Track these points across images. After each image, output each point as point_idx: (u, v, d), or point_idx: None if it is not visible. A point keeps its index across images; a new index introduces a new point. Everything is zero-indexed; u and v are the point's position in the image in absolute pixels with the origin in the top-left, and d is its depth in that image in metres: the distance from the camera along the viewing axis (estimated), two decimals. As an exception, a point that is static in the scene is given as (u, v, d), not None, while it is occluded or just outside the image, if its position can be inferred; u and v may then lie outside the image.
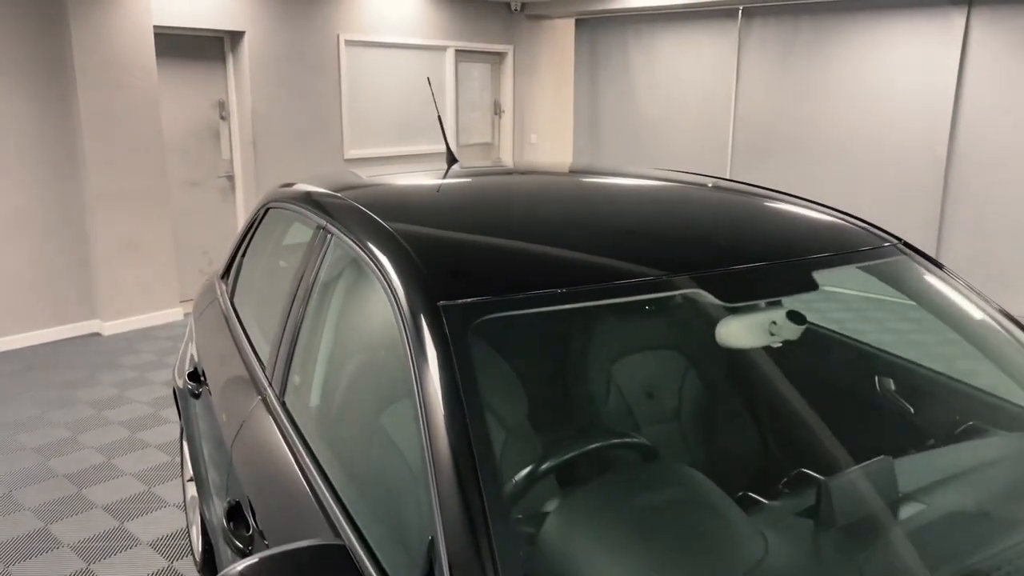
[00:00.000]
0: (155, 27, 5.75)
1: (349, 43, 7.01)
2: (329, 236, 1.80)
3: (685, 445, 1.83)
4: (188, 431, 2.59)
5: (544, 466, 1.37)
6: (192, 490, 2.84)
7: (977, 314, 1.75)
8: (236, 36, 6.32)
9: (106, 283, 5.53)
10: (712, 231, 1.68)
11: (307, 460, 1.51)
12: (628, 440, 1.47)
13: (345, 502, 1.35)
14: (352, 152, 7.22)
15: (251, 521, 1.60)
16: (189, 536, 3.02)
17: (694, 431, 1.84)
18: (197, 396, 2.36)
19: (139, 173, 5.58)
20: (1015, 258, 6.10)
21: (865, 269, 1.79)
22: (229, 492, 1.79)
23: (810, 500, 1.34)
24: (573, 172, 2.27)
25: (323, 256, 1.81)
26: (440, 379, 1.23)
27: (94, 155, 5.34)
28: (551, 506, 1.36)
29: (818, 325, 2.33)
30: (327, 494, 1.39)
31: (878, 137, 6.58)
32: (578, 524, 1.23)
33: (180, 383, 2.71)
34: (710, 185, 2.05)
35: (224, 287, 2.68)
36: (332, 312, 1.72)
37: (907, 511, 1.33)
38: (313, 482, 1.45)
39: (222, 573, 1.10)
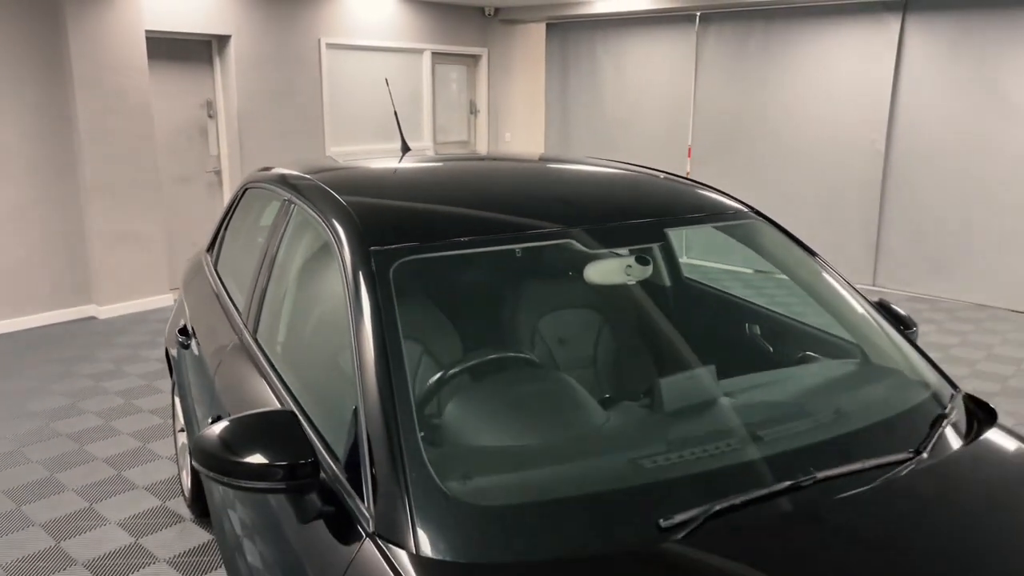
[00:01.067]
0: (147, 31, 6.16)
1: (330, 46, 7.43)
2: (293, 206, 2.24)
3: (562, 358, 2.26)
4: (179, 384, 3.02)
5: (449, 372, 1.80)
6: (183, 438, 3.26)
7: (808, 265, 2.20)
8: (223, 40, 6.74)
9: (101, 271, 5.94)
10: (596, 198, 2.12)
11: (271, 374, 1.94)
12: (516, 355, 1.91)
13: (296, 396, 1.79)
14: (333, 149, 7.64)
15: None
16: (180, 479, 3.43)
17: (575, 350, 2.27)
18: (187, 347, 2.79)
19: (132, 168, 5.99)
20: (949, 244, 6.58)
21: (727, 229, 2.24)
22: (213, 411, 2.22)
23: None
24: (501, 157, 2.71)
25: (288, 222, 2.25)
26: (367, 304, 1.66)
27: (90, 152, 5.75)
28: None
29: (704, 283, 2.78)
30: (283, 393, 1.82)
31: (823, 133, 7.06)
32: (467, 404, 1.66)
33: (172, 342, 3.14)
34: (611, 168, 2.49)
35: (209, 257, 3.11)
36: (294, 264, 2.15)
37: (722, 402, 1.77)
38: (274, 387, 1.88)
39: (199, 433, 1.53)
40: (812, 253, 2.26)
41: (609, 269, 1.89)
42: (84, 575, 2.87)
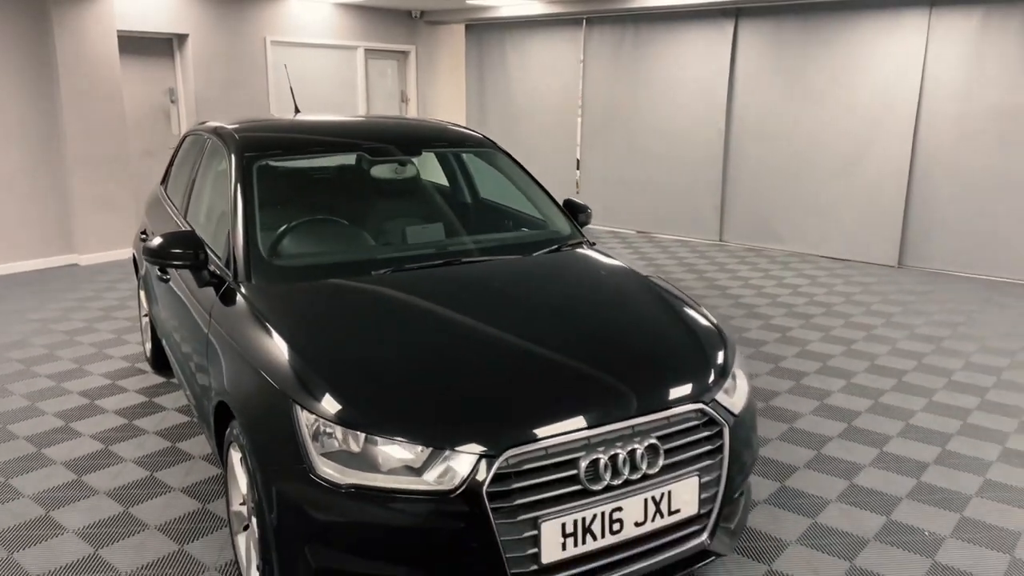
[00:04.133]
0: (119, 31, 7.52)
1: (274, 43, 8.82)
2: (209, 141, 3.67)
3: (359, 220, 3.69)
4: (143, 277, 4.42)
5: (292, 224, 3.24)
6: (146, 320, 4.67)
7: (524, 177, 3.67)
8: (182, 37, 8.11)
9: (82, 227, 7.30)
10: (388, 133, 3.57)
11: (189, 227, 3.38)
12: (333, 218, 3.36)
13: (201, 233, 3.23)
14: (279, 130, 9.03)
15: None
16: (144, 348, 4.84)
17: (368, 215, 3.68)
18: (144, 241, 4.22)
19: (107, 144, 7.35)
20: (776, 206, 8.13)
21: (478, 153, 3.71)
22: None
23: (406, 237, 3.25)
24: (351, 117, 4.14)
25: (207, 150, 3.68)
26: (240, 184, 3.09)
27: (72, 129, 7.10)
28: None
29: (492, 201, 4.24)
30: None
31: (678, 117, 8.59)
32: (292, 234, 3.12)
33: (137, 245, 4.54)
34: (415, 121, 3.94)
35: (162, 187, 4.53)
36: (210, 172, 3.58)
37: (438, 239, 3.23)
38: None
39: (146, 244, 2.94)
40: (527, 172, 3.74)
41: (385, 168, 3.37)
42: (77, 399, 4.27)
